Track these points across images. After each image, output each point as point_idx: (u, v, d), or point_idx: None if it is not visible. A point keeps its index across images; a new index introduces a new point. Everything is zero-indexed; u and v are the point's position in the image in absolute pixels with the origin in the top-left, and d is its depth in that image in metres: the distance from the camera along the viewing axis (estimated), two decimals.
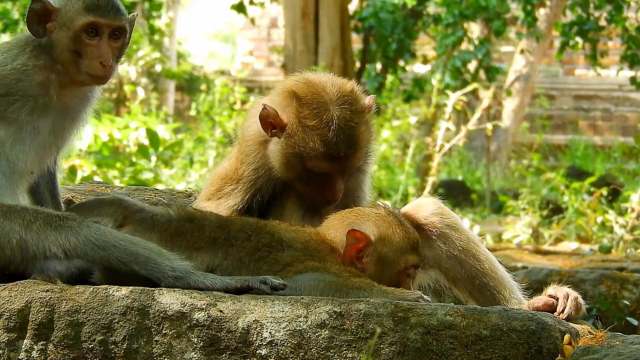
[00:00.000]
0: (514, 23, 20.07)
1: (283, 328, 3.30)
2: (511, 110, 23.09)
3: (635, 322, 5.96)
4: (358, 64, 21.04)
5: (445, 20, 18.62)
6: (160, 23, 24.78)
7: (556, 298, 3.89)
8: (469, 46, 18.98)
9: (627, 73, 20.62)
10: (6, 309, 3.42)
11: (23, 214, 3.56)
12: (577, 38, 19.20)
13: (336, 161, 3.96)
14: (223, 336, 3.32)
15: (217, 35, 50.16)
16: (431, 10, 20.91)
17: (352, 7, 21.50)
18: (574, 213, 12.01)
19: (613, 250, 10.17)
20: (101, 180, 10.28)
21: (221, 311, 3.34)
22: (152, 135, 13.07)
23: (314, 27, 19.21)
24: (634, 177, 19.24)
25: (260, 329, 3.31)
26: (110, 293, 3.41)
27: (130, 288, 3.42)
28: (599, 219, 11.22)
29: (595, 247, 10.03)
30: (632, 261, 8.42)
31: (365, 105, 4.09)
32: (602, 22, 19.32)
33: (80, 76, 3.80)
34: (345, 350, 3.27)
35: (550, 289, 3.95)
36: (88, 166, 12.00)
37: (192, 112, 20.03)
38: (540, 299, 3.94)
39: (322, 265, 3.67)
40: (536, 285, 4.67)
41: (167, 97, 25.13)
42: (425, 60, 21.58)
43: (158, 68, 23.69)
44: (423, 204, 4.16)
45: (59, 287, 3.46)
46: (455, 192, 16.57)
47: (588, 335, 3.51)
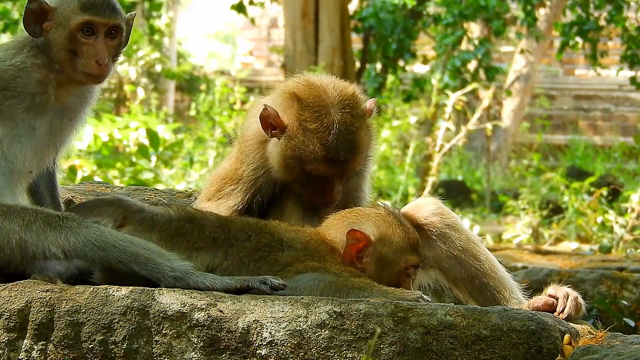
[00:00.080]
0: (514, 23, 20.06)
1: (283, 328, 3.30)
2: (511, 110, 23.09)
3: (632, 323, 5.95)
4: (358, 64, 21.05)
5: (445, 20, 18.62)
6: (160, 23, 24.79)
7: (556, 298, 3.89)
8: (469, 46, 18.98)
9: (627, 73, 20.61)
10: (6, 309, 3.42)
11: (23, 214, 3.56)
12: (577, 38, 19.20)
13: (336, 165, 3.95)
14: (223, 336, 3.32)
15: (217, 35, 50.16)
16: (431, 10, 20.91)
17: (352, 7, 21.50)
18: (574, 213, 12.00)
19: (613, 250, 10.17)
20: (101, 180, 10.27)
21: (221, 311, 3.34)
22: (152, 135, 13.07)
23: (314, 27, 19.22)
24: (634, 177, 19.23)
25: (260, 329, 3.31)
26: (110, 293, 3.41)
27: (130, 288, 3.42)
28: (599, 219, 11.22)
29: (595, 247, 10.03)
30: (632, 261, 8.42)
31: (366, 109, 4.08)
32: (602, 22, 19.32)
33: (76, 75, 3.80)
34: (345, 350, 3.26)
35: (550, 289, 3.94)
36: (88, 166, 12.00)
37: (192, 112, 20.02)
38: (540, 299, 3.94)
39: (322, 265, 3.67)
40: (536, 285, 4.67)
41: (167, 97, 25.13)
42: (425, 60, 21.58)
43: (158, 68, 23.68)
44: (423, 204, 4.16)
45: (59, 287, 3.46)
46: (455, 192, 16.57)
47: (588, 335, 3.51)
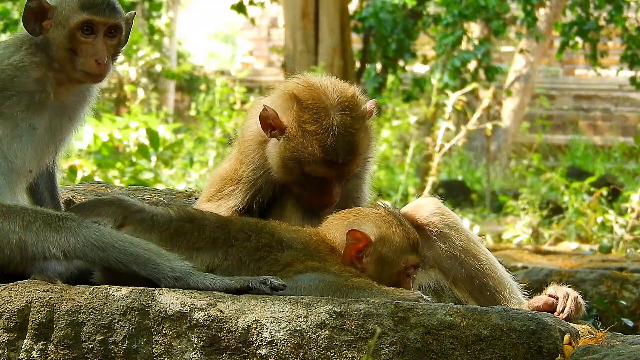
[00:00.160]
0: (514, 23, 20.06)
1: (283, 328, 3.30)
2: (511, 110, 23.08)
3: (630, 323, 5.94)
4: (358, 64, 21.05)
5: (444, 20, 18.62)
6: (160, 23, 24.79)
7: (556, 298, 3.89)
8: (469, 46, 18.98)
9: (627, 73, 20.61)
10: (6, 309, 3.42)
11: (22, 214, 3.56)
12: (577, 38, 19.20)
13: (334, 167, 3.95)
14: (223, 336, 3.32)
15: (217, 35, 50.16)
16: (431, 10, 20.91)
17: (352, 7, 21.51)
18: (574, 213, 12.00)
19: (613, 250, 10.17)
20: (101, 180, 10.27)
21: (221, 311, 3.34)
22: (152, 135, 13.07)
23: (314, 27, 19.22)
24: (634, 177, 19.23)
25: (260, 329, 3.30)
26: (110, 293, 3.41)
27: (130, 288, 3.42)
28: (599, 219, 11.21)
29: (595, 247, 10.02)
30: (632, 261, 8.41)
31: (365, 110, 4.07)
32: (602, 22, 19.32)
33: (76, 74, 3.80)
34: (345, 350, 3.26)
35: (550, 289, 3.94)
36: (88, 166, 12.00)
37: (192, 112, 20.02)
38: (540, 299, 3.94)
39: (322, 265, 3.67)
40: (536, 285, 4.67)
41: (167, 97, 25.13)
42: (425, 60, 21.59)
43: (158, 68, 23.68)
44: (423, 204, 4.16)
45: (59, 287, 3.46)
46: (455, 192, 16.56)
47: (588, 335, 3.51)
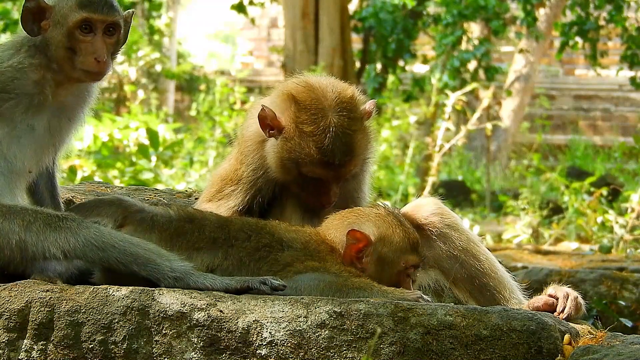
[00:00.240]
0: (514, 23, 20.06)
1: (283, 328, 3.30)
2: (511, 110, 23.08)
3: (629, 324, 5.93)
4: (358, 64, 21.05)
5: (444, 20, 18.62)
6: (160, 23, 24.78)
7: (556, 298, 3.88)
8: (469, 46, 18.98)
9: (627, 73, 20.62)
10: (6, 309, 3.42)
11: (22, 215, 3.56)
12: (577, 38, 19.20)
13: (331, 168, 3.94)
14: (223, 336, 3.32)
15: (217, 35, 50.17)
16: (431, 10, 20.91)
17: (352, 7, 21.51)
18: (574, 213, 12.00)
19: (613, 250, 10.17)
20: (101, 180, 10.27)
21: (221, 311, 3.34)
22: (152, 135, 13.07)
23: (314, 27, 19.23)
24: (634, 177, 19.23)
25: (260, 329, 3.30)
26: (110, 293, 3.41)
27: (130, 288, 3.42)
28: (599, 219, 11.22)
29: (595, 247, 10.02)
30: (632, 261, 8.41)
31: (364, 111, 4.06)
32: (602, 22, 19.32)
33: (75, 73, 3.80)
34: (345, 350, 3.26)
35: (550, 289, 3.94)
36: (88, 166, 12.00)
37: (193, 112, 20.02)
38: (540, 299, 3.94)
39: (322, 265, 3.67)
40: (536, 285, 4.67)
41: (167, 97, 25.13)
42: (425, 60, 21.59)
43: (158, 68, 23.68)
44: (423, 204, 4.15)
45: (59, 287, 3.46)
46: (455, 192, 16.56)
47: (588, 335, 3.51)
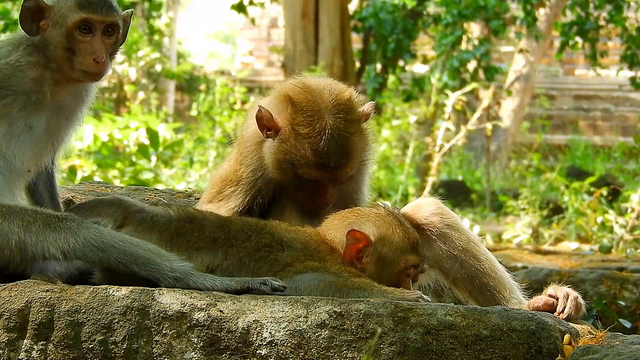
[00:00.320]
0: (514, 23, 20.06)
1: (283, 328, 3.30)
2: (511, 110, 23.07)
3: (628, 325, 5.93)
4: (358, 64, 21.06)
5: (444, 20, 18.62)
6: (160, 23, 24.78)
7: (556, 298, 3.88)
8: (469, 46, 18.97)
9: (627, 73, 20.62)
10: (6, 309, 3.42)
11: (22, 215, 3.56)
12: (577, 38, 19.20)
13: (327, 170, 3.93)
14: (223, 336, 3.32)
15: (217, 35, 50.18)
16: (431, 10, 20.91)
17: (352, 7, 21.51)
18: (574, 213, 12.00)
19: (613, 250, 10.16)
20: (101, 180, 10.27)
21: (221, 311, 3.34)
22: (152, 135, 13.07)
23: (314, 27, 19.24)
24: (634, 177, 19.23)
25: (260, 329, 3.30)
26: (110, 293, 3.41)
27: (130, 288, 3.42)
28: (599, 219, 11.21)
29: (595, 247, 10.02)
30: (632, 261, 8.41)
31: (361, 113, 4.04)
32: (602, 22, 19.33)
33: (74, 73, 3.80)
34: (345, 350, 3.26)
35: (550, 289, 3.94)
36: (88, 166, 11.99)
37: (193, 112, 20.02)
38: (540, 299, 3.94)
39: (322, 265, 3.67)
40: (536, 285, 4.67)
41: (167, 97, 25.13)
42: (425, 60, 21.59)
43: (158, 68, 23.68)
44: (423, 204, 4.15)
45: (59, 287, 3.46)
46: (455, 192, 16.56)
47: (588, 335, 3.51)
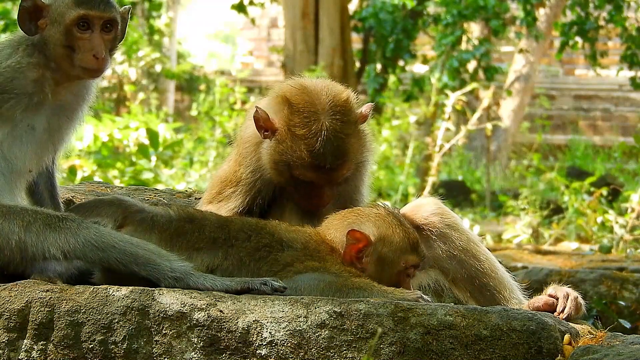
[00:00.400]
0: (514, 23, 20.06)
1: (283, 328, 3.30)
2: (511, 110, 23.07)
3: (627, 325, 5.93)
4: (358, 64, 21.05)
5: (444, 20, 18.62)
6: (160, 23, 24.78)
7: (556, 298, 3.89)
8: (469, 46, 18.97)
9: (627, 73, 20.62)
10: (6, 309, 3.42)
11: (22, 215, 3.56)
12: (577, 38, 19.20)
13: (322, 172, 3.92)
14: (223, 336, 3.32)
15: (217, 35, 50.19)
16: (431, 10, 20.91)
17: (352, 7, 21.52)
18: (574, 213, 12.00)
19: (613, 250, 10.16)
20: (101, 180, 10.27)
21: (221, 311, 3.34)
22: (152, 135, 13.07)
23: (314, 27, 19.24)
24: (634, 177, 19.24)
25: (260, 329, 3.30)
26: (110, 293, 3.41)
27: (130, 288, 3.42)
28: (599, 219, 11.21)
29: (595, 247, 10.02)
30: (632, 261, 8.41)
31: (359, 115, 4.03)
32: (602, 22, 19.33)
33: (74, 71, 3.80)
34: (345, 350, 3.26)
35: (550, 289, 3.94)
36: (88, 166, 11.99)
37: (193, 112, 20.01)
38: (540, 299, 3.94)
39: (322, 265, 3.67)
40: (536, 285, 4.67)
41: (167, 97, 25.13)
42: (425, 60, 21.60)
43: (158, 68, 23.68)
44: (423, 204, 4.15)
45: (59, 287, 3.46)
46: (455, 192, 16.56)
47: (588, 335, 3.51)
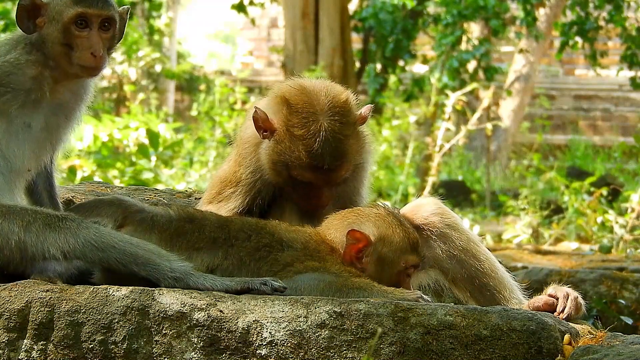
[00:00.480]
0: (514, 23, 20.06)
1: (283, 328, 3.30)
2: (511, 110, 23.08)
3: (629, 321, 5.93)
4: (358, 64, 21.05)
5: (444, 20, 18.62)
6: (160, 23, 24.78)
7: (556, 298, 3.88)
8: (469, 46, 18.97)
9: (627, 73, 20.62)
10: (6, 309, 3.42)
11: (22, 215, 3.56)
12: (577, 38, 19.20)
13: (321, 172, 3.92)
14: (223, 336, 3.32)
15: (217, 35, 50.20)
16: (431, 10, 20.92)
17: (352, 7, 21.51)
18: (574, 213, 12.00)
19: (613, 250, 10.17)
20: (101, 180, 10.27)
21: (221, 311, 3.34)
22: (152, 135, 13.07)
23: (314, 27, 19.24)
24: (634, 177, 19.24)
25: (260, 329, 3.30)
26: (110, 293, 3.41)
27: (130, 288, 3.42)
28: (599, 219, 11.21)
29: (595, 247, 10.02)
30: (632, 261, 8.41)
31: (358, 116, 4.03)
32: (602, 22, 19.33)
33: (72, 69, 3.80)
34: (345, 350, 3.26)
35: (550, 289, 3.94)
36: (88, 166, 11.99)
37: (193, 112, 20.02)
38: (540, 299, 3.94)
39: (322, 265, 3.67)
40: (536, 285, 4.67)
41: (167, 97, 25.13)
42: (425, 60, 21.60)
43: (158, 68, 23.68)
44: (423, 204, 4.15)
45: (59, 287, 3.46)
46: (455, 192, 16.56)
47: (588, 335, 3.51)
